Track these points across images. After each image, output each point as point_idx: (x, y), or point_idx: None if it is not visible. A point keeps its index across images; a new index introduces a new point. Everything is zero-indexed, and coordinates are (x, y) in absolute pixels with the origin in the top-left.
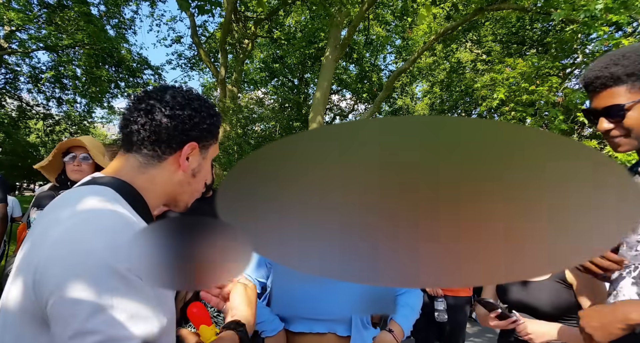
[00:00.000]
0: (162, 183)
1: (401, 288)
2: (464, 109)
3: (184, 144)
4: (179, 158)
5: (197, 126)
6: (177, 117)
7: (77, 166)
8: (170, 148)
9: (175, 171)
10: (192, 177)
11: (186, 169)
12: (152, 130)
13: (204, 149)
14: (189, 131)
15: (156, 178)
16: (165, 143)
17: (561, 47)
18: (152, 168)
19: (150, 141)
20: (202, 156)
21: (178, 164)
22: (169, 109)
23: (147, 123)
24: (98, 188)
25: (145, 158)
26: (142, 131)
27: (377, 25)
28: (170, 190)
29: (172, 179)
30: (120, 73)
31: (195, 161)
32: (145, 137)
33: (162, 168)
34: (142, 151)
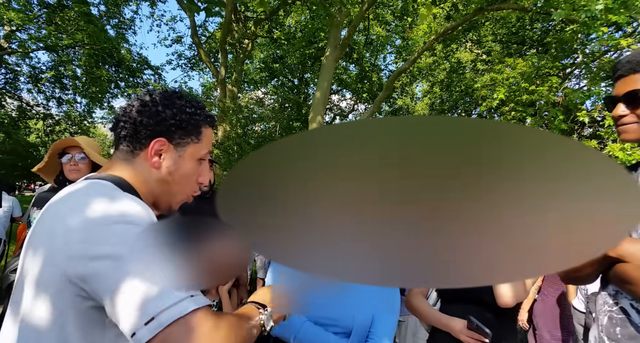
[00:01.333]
0: (144, 179)
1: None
2: (464, 109)
3: (150, 139)
4: (148, 154)
5: (164, 121)
6: (144, 113)
7: (74, 166)
8: (139, 142)
9: (150, 168)
10: (168, 175)
11: (158, 165)
12: (124, 126)
13: (179, 147)
14: (155, 125)
15: (138, 175)
16: (134, 138)
17: (561, 47)
18: (130, 164)
19: (123, 136)
20: (177, 153)
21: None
22: (141, 105)
23: (121, 120)
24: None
25: (122, 153)
26: (118, 127)
27: (377, 25)
28: (152, 189)
29: (150, 177)
30: (120, 73)
31: (170, 158)
32: (121, 133)
33: (138, 164)
34: (120, 147)
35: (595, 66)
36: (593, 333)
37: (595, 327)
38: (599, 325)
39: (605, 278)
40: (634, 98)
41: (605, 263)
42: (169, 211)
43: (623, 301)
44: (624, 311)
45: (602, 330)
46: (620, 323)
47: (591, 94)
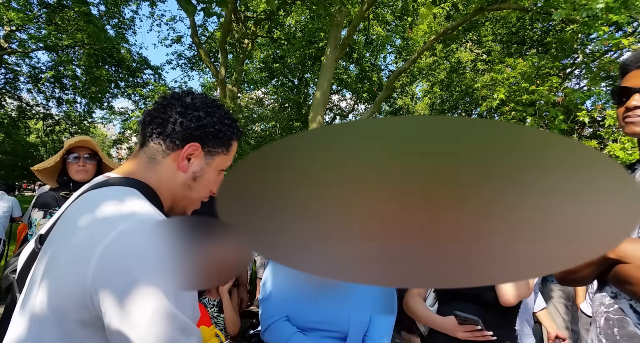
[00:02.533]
0: (166, 181)
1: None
2: (464, 109)
3: (186, 141)
4: (179, 156)
5: (204, 127)
6: (185, 115)
7: (82, 166)
8: (173, 143)
9: (176, 170)
10: (192, 180)
11: (186, 169)
12: (161, 123)
13: (209, 155)
14: (194, 130)
15: (161, 176)
16: (169, 137)
17: (561, 47)
18: (157, 164)
19: (157, 133)
20: (205, 161)
21: (179, 162)
22: (182, 107)
23: (159, 117)
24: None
25: (151, 151)
26: (153, 123)
27: (377, 25)
28: (174, 192)
29: (175, 180)
30: (120, 73)
31: (198, 164)
32: (154, 128)
33: (166, 164)
34: (150, 143)
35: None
36: (591, 336)
37: (594, 329)
38: (597, 326)
39: (602, 279)
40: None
41: (604, 265)
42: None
43: (621, 302)
44: (622, 311)
45: (599, 332)
46: (618, 324)
47: (591, 94)
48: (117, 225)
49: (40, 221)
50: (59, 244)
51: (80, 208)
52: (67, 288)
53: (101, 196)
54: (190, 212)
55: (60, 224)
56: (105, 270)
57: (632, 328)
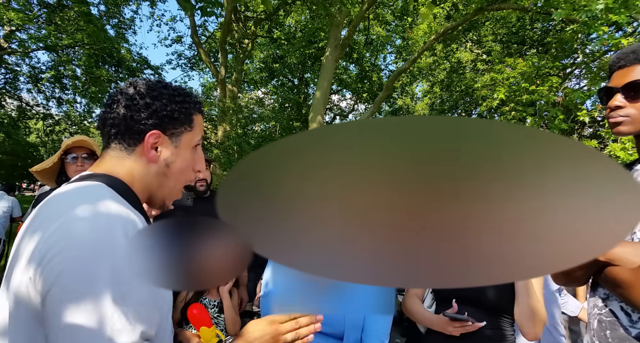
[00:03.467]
0: (139, 176)
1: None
2: (464, 109)
3: (144, 133)
4: (144, 149)
5: (155, 113)
6: (132, 107)
7: (80, 166)
8: (132, 138)
9: (147, 163)
10: (166, 168)
11: (156, 159)
12: (113, 123)
13: (174, 137)
14: (146, 119)
15: (134, 171)
16: (127, 134)
17: (561, 47)
18: (126, 160)
19: (113, 133)
20: (173, 144)
21: (147, 155)
22: (127, 99)
23: (110, 117)
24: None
25: (115, 151)
26: (106, 125)
27: (377, 25)
28: (149, 184)
29: (148, 172)
30: (120, 73)
31: (166, 150)
32: (110, 130)
33: (134, 160)
34: (111, 145)
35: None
36: (586, 338)
37: (588, 331)
38: (591, 329)
39: (596, 281)
40: (635, 88)
41: (595, 267)
42: (162, 208)
43: (612, 304)
44: (613, 314)
45: (593, 334)
46: (610, 326)
47: (591, 94)
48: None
49: None
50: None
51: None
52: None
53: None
54: (170, 203)
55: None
56: (54, 270)
57: (623, 330)
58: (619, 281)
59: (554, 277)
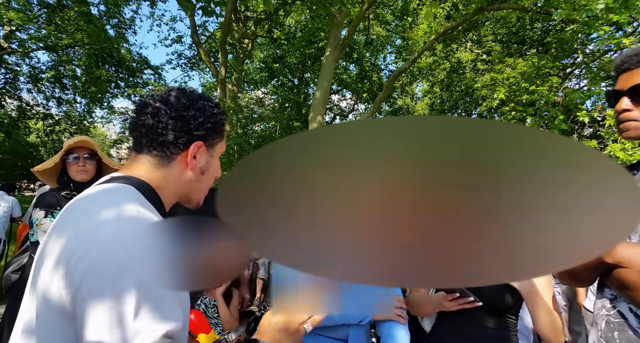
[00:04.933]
0: (174, 182)
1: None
2: (464, 109)
3: (190, 144)
4: (186, 158)
5: (202, 125)
6: (182, 119)
7: (82, 166)
8: (177, 148)
9: (184, 170)
10: (201, 175)
11: (194, 168)
12: (159, 132)
13: (211, 147)
14: (194, 131)
15: (168, 177)
16: (172, 144)
17: (561, 47)
18: (163, 168)
19: (158, 142)
20: (209, 154)
21: (186, 163)
22: (174, 111)
23: (154, 126)
24: (121, 187)
25: (155, 158)
26: (150, 133)
27: (377, 25)
28: (182, 188)
29: (183, 178)
30: (120, 73)
31: (203, 159)
32: (153, 139)
33: (172, 167)
34: (152, 152)
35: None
36: (592, 338)
37: (594, 332)
38: (598, 329)
39: (603, 282)
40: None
41: (602, 269)
42: (196, 206)
43: (621, 305)
44: (622, 315)
45: (600, 335)
46: (618, 327)
47: (591, 94)
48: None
49: (42, 221)
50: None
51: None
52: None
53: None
54: (202, 202)
55: (54, 223)
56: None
57: (632, 332)
58: (628, 283)
59: (559, 277)
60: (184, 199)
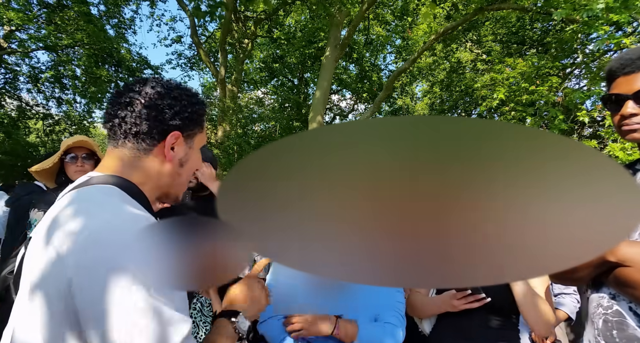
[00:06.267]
0: (154, 175)
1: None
2: (464, 109)
3: (166, 134)
4: (163, 149)
5: (178, 114)
6: (156, 107)
7: (80, 166)
8: (152, 139)
9: (163, 162)
10: (179, 167)
11: (172, 159)
12: (133, 122)
13: (189, 138)
14: (170, 120)
15: (147, 171)
16: (147, 134)
17: (561, 47)
18: (141, 161)
19: (133, 133)
20: (187, 145)
21: (164, 155)
22: (148, 99)
23: (128, 115)
24: (105, 188)
25: (131, 151)
26: (123, 124)
27: (377, 25)
28: (163, 182)
29: (162, 171)
30: (120, 73)
31: (182, 150)
32: (128, 130)
33: (150, 160)
34: (127, 144)
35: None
36: (587, 337)
37: (590, 331)
38: (595, 328)
39: (599, 280)
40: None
41: (603, 267)
42: (175, 201)
43: (621, 304)
44: (621, 314)
45: (598, 334)
46: (617, 326)
47: (591, 94)
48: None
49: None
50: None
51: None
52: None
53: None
54: (181, 196)
55: (41, 225)
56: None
57: (632, 330)
58: (631, 281)
59: (555, 277)
60: (164, 195)
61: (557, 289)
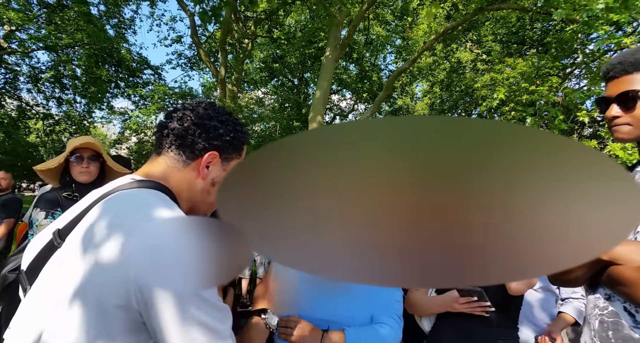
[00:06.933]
0: (187, 188)
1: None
2: (464, 109)
3: (206, 151)
4: (199, 165)
5: (220, 136)
6: (202, 126)
7: (85, 167)
8: (193, 153)
9: (196, 178)
10: (211, 186)
11: (205, 176)
12: (179, 134)
13: (226, 162)
14: (212, 139)
15: (182, 182)
16: (189, 148)
17: (561, 47)
18: (179, 171)
19: (177, 144)
20: (222, 167)
21: (199, 171)
22: (198, 118)
23: (176, 128)
24: (155, 192)
25: (171, 160)
26: (171, 134)
27: (377, 25)
28: (193, 197)
29: (195, 186)
30: (120, 73)
31: (216, 170)
32: (173, 140)
33: (187, 173)
34: (169, 153)
35: (595, 66)
36: (584, 338)
37: (587, 331)
38: (591, 329)
39: (595, 281)
40: (627, 99)
41: (597, 267)
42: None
43: (616, 304)
44: (616, 314)
45: (594, 335)
46: (612, 326)
47: (591, 94)
48: (152, 222)
49: (42, 221)
50: (91, 238)
51: (113, 206)
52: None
53: (133, 196)
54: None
55: (88, 220)
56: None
57: (627, 331)
58: (624, 280)
59: (551, 278)
60: (193, 210)
61: (565, 293)
